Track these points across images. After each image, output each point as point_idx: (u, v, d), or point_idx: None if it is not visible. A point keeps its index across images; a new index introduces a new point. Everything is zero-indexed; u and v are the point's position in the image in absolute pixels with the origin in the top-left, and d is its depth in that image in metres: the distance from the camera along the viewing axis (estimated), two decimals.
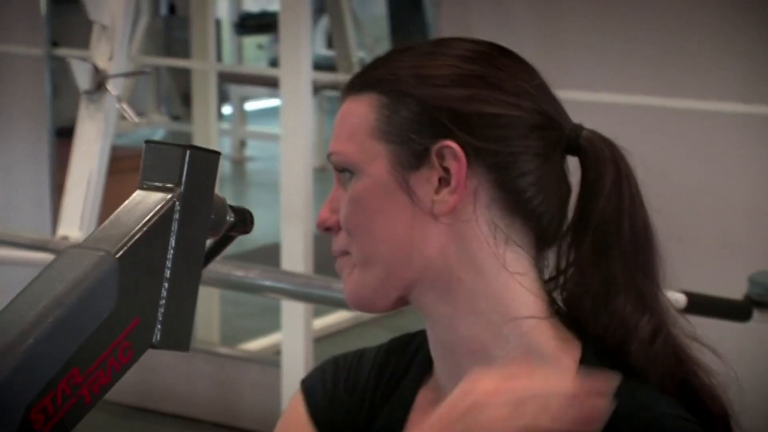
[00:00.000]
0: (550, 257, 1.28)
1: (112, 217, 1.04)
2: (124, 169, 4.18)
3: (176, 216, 1.04)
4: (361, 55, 6.51)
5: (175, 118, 7.55)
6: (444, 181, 1.21)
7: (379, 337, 1.33)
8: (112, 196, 3.27)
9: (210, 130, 5.03)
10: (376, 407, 1.35)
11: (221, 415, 4.26)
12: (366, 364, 1.37)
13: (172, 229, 1.04)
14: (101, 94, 3.02)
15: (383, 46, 6.97)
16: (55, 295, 0.96)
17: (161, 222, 1.03)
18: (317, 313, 3.91)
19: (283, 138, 3.46)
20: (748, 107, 3.47)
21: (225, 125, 8.27)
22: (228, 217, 1.12)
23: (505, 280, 1.23)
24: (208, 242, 1.12)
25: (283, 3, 3.61)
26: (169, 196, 1.04)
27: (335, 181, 1.26)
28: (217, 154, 1.08)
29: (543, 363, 1.22)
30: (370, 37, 7.02)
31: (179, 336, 1.06)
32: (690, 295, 2.27)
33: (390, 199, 1.22)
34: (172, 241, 1.04)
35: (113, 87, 3.03)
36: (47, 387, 0.94)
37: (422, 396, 1.33)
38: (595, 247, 1.25)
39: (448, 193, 1.21)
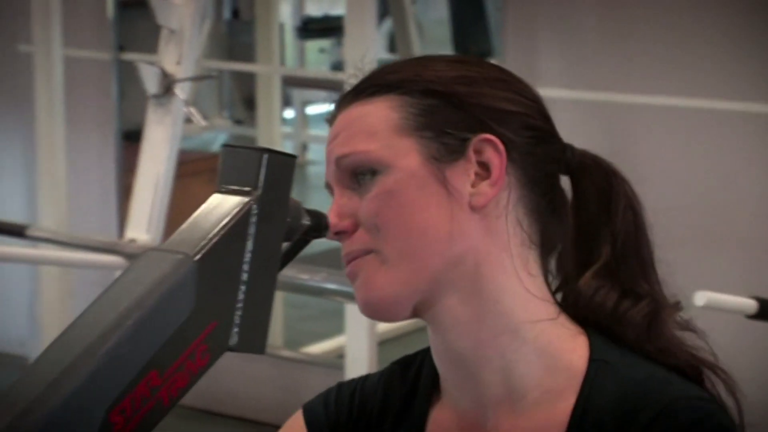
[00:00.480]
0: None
1: (190, 220, 1.05)
2: (190, 172, 4.22)
3: (253, 219, 1.04)
4: None
5: (238, 122, 7.58)
6: (479, 176, 1.22)
7: None
8: (178, 200, 3.30)
9: (274, 133, 5.05)
10: (389, 429, 1.33)
11: (285, 418, 4.26)
12: (370, 389, 1.35)
13: (250, 232, 1.04)
14: (169, 98, 3.04)
15: (446, 49, 6.96)
16: (134, 298, 0.97)
17: (239, 225, 1.03)
18: None
19: None
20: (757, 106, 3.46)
21: (287, 129, 8.29)
22: (303, 221, 1.12)
23: (523, 280, 1.23)
24: (284, 245, 1.12)
25: (349, 7, 3.62)
26: (247, 199, 1.04)
27: (337, 188, 1.23)
28: (293, 157, 1.09)
29: (555, 362, 1.23)
30: (433, 41, 7.01)
31: (255, 339, 1.06)
32: (761, 301, 2.24)
33: (425, 191, 1.21)
34: (250, 244, 1.04)
35: (181, 91, 3.04)
36: (127, 389, 0.94)
37: (436, 415, 1.31)
38: (610, 258, 1.27)
39: (488, 186, 1.21)
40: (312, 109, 8.82)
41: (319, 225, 1.15)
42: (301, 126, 8.46)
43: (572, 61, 3.65)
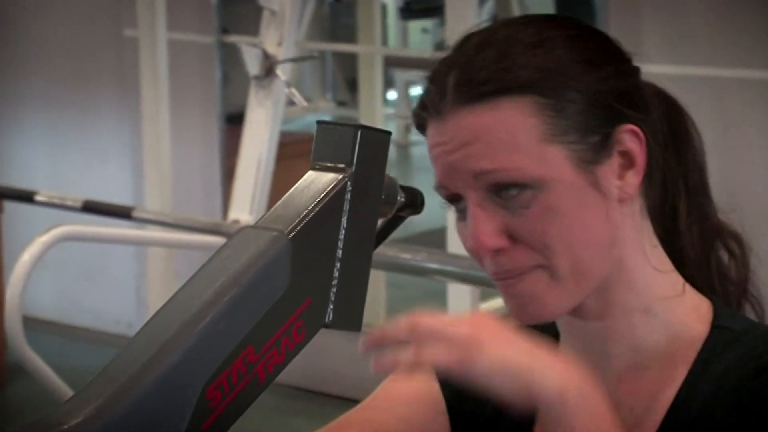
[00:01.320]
0: None
1: (285, 197, 1.05)
2: (292, 154, 4.23)
3: (348, 196, 1.04)
4: None
5: (341, 103, 7.60)
6: (623, 166, 1.19)
7: None
8: (281, 181, 3.31)
9: (376, 114, 5.05)
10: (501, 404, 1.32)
11: None
12: None
13: (344, 208, 1.04)
14: (271, 80, 3.06)
15: None
16: (230, 275, 0.97)
17: (333, 202, 1.03)
18: (483, 297, 3.89)
19: None
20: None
21: (390, 110, 8.29)
22: (399, 198, 1.12)
23: (649, 256, 1.23)
24: (380, 222, 1.12)
25: None
26: (341, 176, 1.04)
27: (476, 201, 1.16)
28: (387, 133, 1.08)
29: (681, 333, 1.23)
30: None
31: (351, 316, 1.06)
32: None
33: (584, 200, 1.17)
34: (344, 221, 1.04)
35: (282, 72, 3.06)
36: (224, 365, 0.95)
37: None
38: (691, 201, 1.27)
39: (633, 175, 1.19)
40: (415, 90, 8.82)
41: (414, 201, 1.14)
42: (405, 107, 8.45)
43: (676, 36, 3.59)
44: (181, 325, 0.95)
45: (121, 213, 3.21)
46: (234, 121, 4.52)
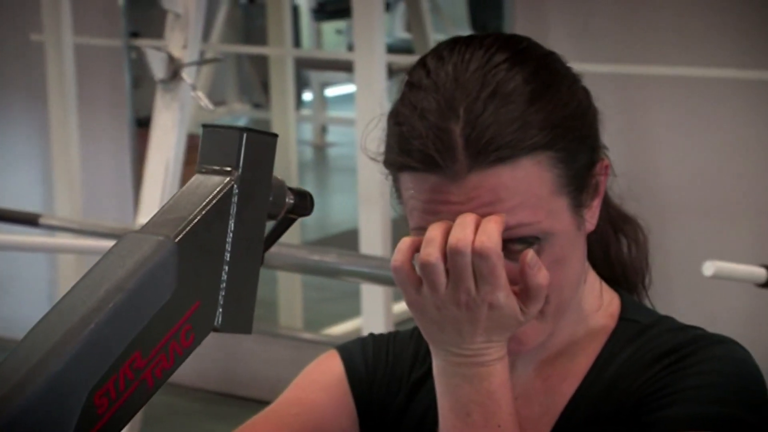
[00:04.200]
0: None
1: (170, 201, 1.04)
2: None
3: (234, 199, 1.03)
4: (438, 37, 6.46)
5: (256, 105, 7.56)
6: (593, 198, 1.21)
7: None
8: None
9: (288, 116, 5.03)
10: (412, 389, 1.33)
11: None
12: (402, 345, 1.36)
13: (231, 212, 1.03)
14: (177, 83, 3.03)
15: (462, 29, 6.92)
16: (115, 281, 0.96)
17: (220, 205, 1.02)
18: (397, 298, 3.91)
19: (359, 122, 3.44)
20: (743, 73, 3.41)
21: (306, 111, 8.27)
22: (288, 199, 1.11)
23: (586, 268, 1.27)
24: (269, 225, 1.11)
25: None
26: (227, 179, 1.03)
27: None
28: (274, 136, 1.07)
29: (590, 325, 1.27)
30: (448, 20, 6.96)
31: (241, 318, 1.05)
32: None
33: (575, 244, 1.19)
34: (231, 224, 1.03)
35: (188, 75, 3.03)
36: (110, 372, 0.93)
37: None
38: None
39: (597, 204, 1.22)
40: (331, 91, 8.79)
41: (303, 203, 1.13)
42: (320, 108, 8.43)
43: (581, 33, 3.62)
44: (66, 331, 0.93)
45: (28, 220, 3.16)
46: (146, 124, 4.48)
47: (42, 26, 4.05)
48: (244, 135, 1.04)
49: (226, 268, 1.03)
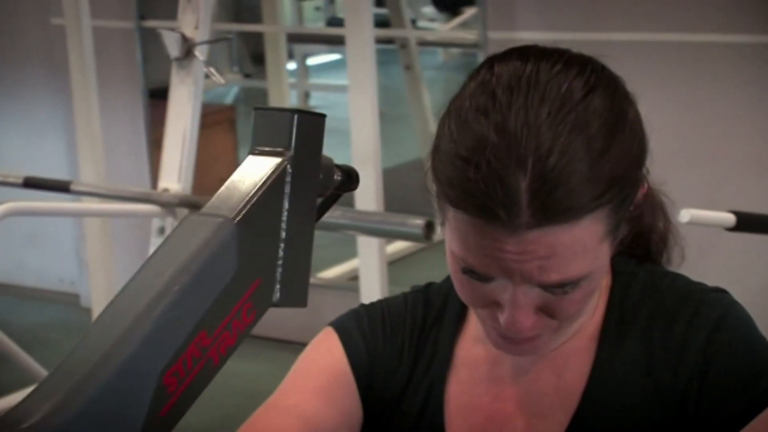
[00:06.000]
0: None
1: (227, 183, 0.93)
2: (209, 123, 4.10)
3: (288, 178, 0.93)
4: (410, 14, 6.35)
5: (247, 75, 7.45)
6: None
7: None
8: (200, 148, 3.19)
9: (282, 85, 4.94)
10: (414, 358, 1.19)
11: (306, 336, 4.20)
12: (397, 316, 1.22)
13: (286, 191, 0.93)
14: (190, 60, 2.93)
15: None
16: (179, 264, 0.86)
17: (275, 185, 0.92)
18: (389, 241, 3.83)
19: (352, 89, 3.34)
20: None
21: (291, 80, 8.16)
22: (335, 176, 1.01)
23: None
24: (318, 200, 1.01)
25: None
26: (281, 159, 0.93)
27: (523, 290, 1.03)
28: (322, 116, 0.97)
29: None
30: None
31: (298, 293, 0.95)
32: (739, 215, 2.16)
33: (606, 268, 1.09)
34: (286, 203, 0.93)
35: (200, 53, 2.93)
36: (178, 352, 0.85)
37: (462, 350, 1.19)
38: None
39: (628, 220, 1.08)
40: (311, 61, 8.71)
41: (350, 179, 1.03)
42: (303, 76, 8.33)
43: (548, 3, 3.53)
44: (135, 316, 0.83)
45: (60, 187, 3.06)
46: (156, 96, 4.39)
47: (62, 11, 3.92)
48: (296, 116, 0.94)
49: (283, 245, 0.93)
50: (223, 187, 0.93)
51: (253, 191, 0.91)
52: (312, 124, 0.96)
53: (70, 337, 4.27)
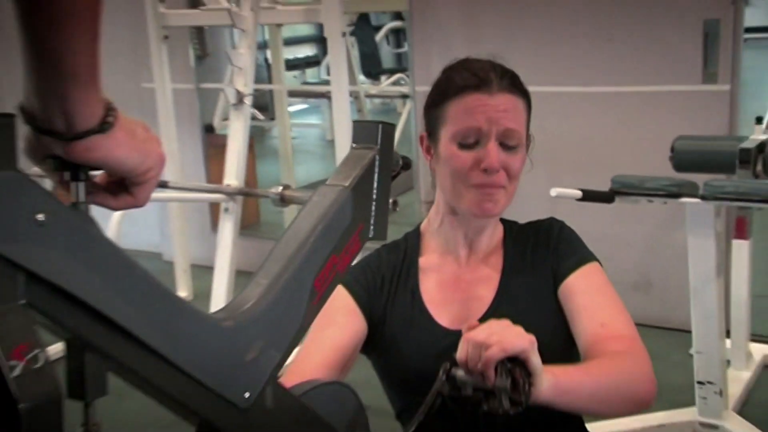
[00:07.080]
0: None
1: (339, 166, 0.94)
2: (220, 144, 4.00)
3: (377, 162, 0.94)
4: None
5: (253, 119, 7.21)
6: None
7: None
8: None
9: (285, 122, 4.82)
10: (393, 287, 1.23)
11: None
12: (375, 265, 1.25)
13: (375, 169, 0.94)
14: (242, 105, 2.88)
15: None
16: (318, 215, 0.87)
17: (370, 166, 0.94)
18: None
19: (337, 122, 3.20)
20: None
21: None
22: (399, 162, 1.04)
23: None
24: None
25: None
26: (372, 152, 0.94)
27: (495, 143, 1.14)
28: (393, 126, 0.98)
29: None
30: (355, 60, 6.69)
31: (382, 231, 0.96)
32: (584, 191, 2.21)
33: (524, 159, 1.19)
34: (375, 177, 0.94)
35: (248, 100, 2.89)
36: (322, 266, 0.85)
37: (422, 263, 1.24)
38: None
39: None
40: (290, 108, 8.47)
41: (407, 164, 1.07)
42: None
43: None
44: (296, 247, 0.83)
45: (162, 184, 2.96)
46: (208, 130, 4.30)
47: (152, 78, 3.80)
48: (380, 126, 0.96)
49: (374, 202, 0.94)
50: (338, 168, 0.94)
51: (357, 170, 0.92)
52: (389, 129, 0.97)
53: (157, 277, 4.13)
